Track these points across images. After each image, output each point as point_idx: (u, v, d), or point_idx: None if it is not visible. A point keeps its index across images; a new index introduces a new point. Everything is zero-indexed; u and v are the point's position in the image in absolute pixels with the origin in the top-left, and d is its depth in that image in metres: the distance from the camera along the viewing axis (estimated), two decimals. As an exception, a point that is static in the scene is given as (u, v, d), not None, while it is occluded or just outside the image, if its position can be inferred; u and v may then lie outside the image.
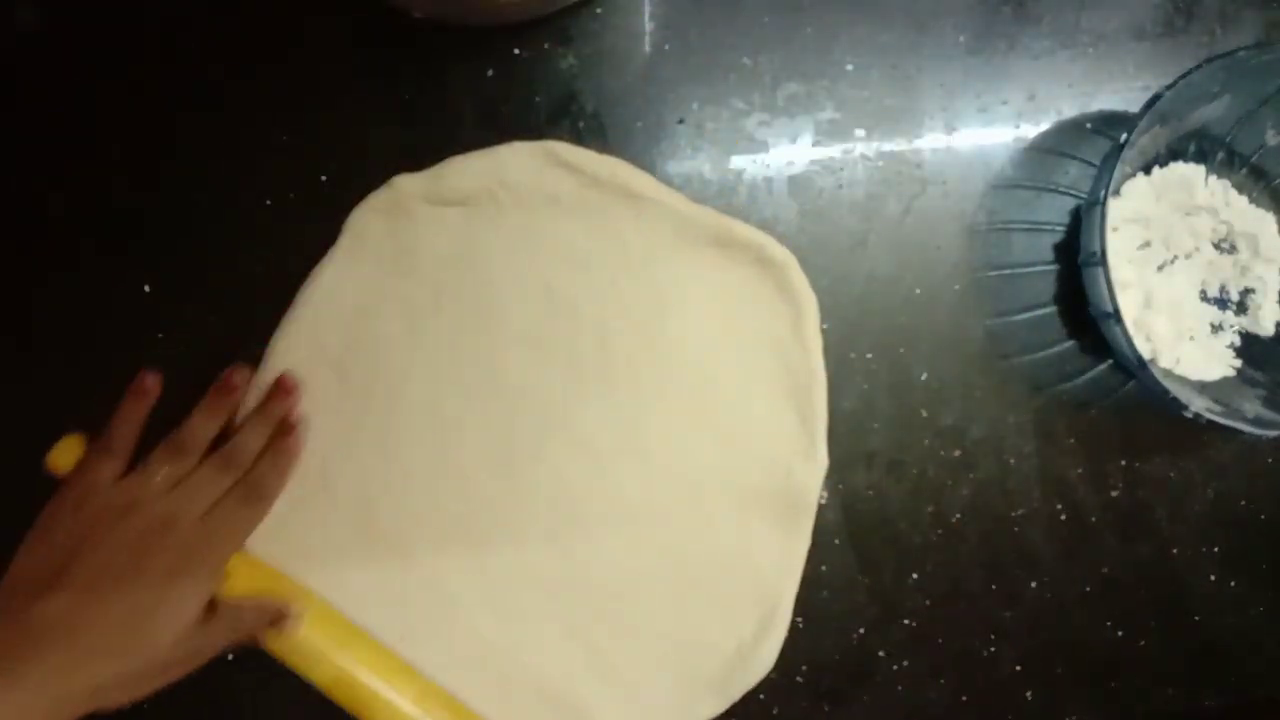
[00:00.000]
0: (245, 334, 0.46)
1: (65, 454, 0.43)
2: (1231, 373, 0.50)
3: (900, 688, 0.49)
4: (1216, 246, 0.51)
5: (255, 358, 0.46)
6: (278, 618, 0.43)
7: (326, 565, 0.45)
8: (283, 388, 0.44)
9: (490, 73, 0.48)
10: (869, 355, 0.49)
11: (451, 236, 0.46)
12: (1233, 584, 0.51)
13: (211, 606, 0.41)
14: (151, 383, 0.43)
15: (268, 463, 0.43)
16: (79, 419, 0.46)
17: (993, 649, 0.49)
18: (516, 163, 0.46)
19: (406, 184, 0.46)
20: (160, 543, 0.40)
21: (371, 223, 0.46)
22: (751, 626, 0.46)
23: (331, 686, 0.43)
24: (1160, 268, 0.50)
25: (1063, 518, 0.50)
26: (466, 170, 0.46)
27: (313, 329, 0.46)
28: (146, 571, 0.39)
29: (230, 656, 0.46)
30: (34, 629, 0.37)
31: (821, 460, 0.47)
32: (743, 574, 0.47)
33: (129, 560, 0.39)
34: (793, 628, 0.47)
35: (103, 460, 0.42)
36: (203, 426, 0.43)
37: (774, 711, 0.48)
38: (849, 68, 0.49)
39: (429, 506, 0.46)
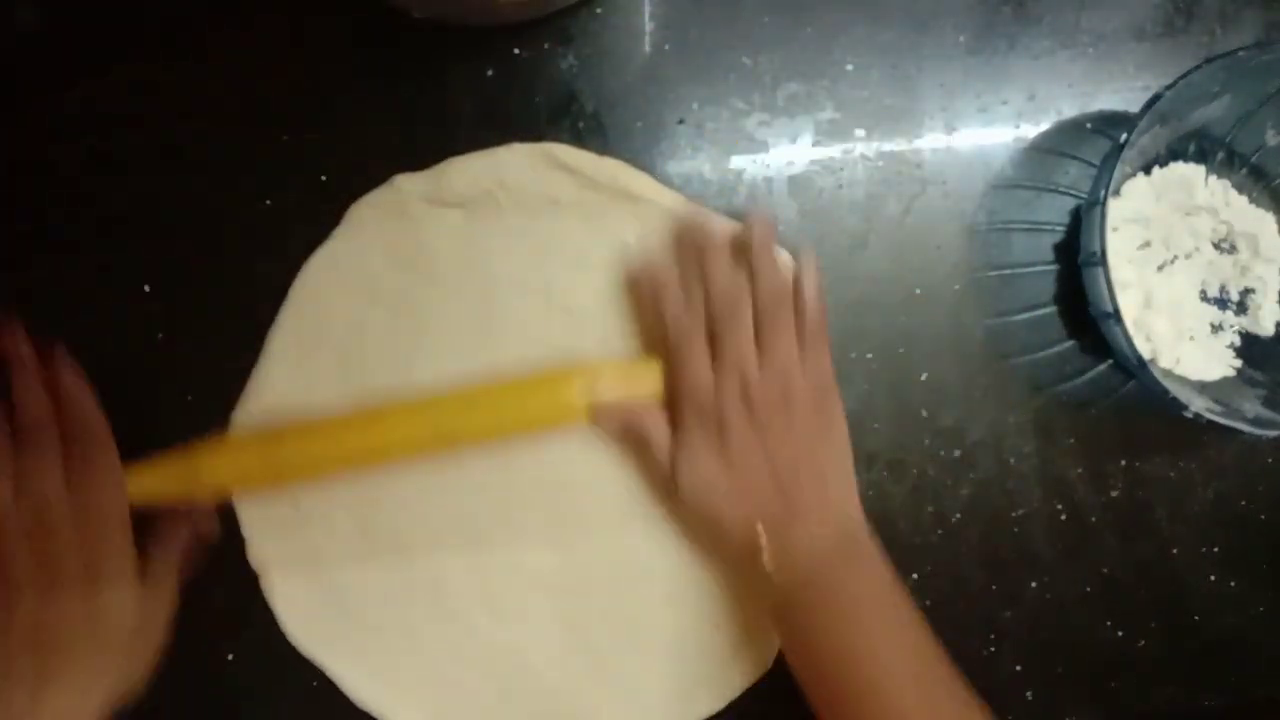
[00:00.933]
0: (245, 334, 0.46)
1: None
2: (1231, 373, 0.50)
3: (900, 688, 0.49)
4: (1216, 246, 0.51)
5: (255, 355, 0.46)
6: (202, 533, 0.43)
7: (327, 565, 0.45)
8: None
9: (490, 73, 0.48)
10: (869, 355, 0.49)
11: (451, 236, 0.46)
12: (1233, 584, 0.51)
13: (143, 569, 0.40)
14: None
15: (74, 408, 0.40)
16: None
17: (993, 649, 0.49)
18: (516, 164, 0.46)
19: (406, 184, 0.46)
20: (52, 549, 0.38)
21: (370, 217, 0.46)
22: (750, 624, 0.46)
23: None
24: (1160, 268, 0.50)
25: (1063, 518, 0.50)
26: (466, 171, 0.46)
27: (309, 317, 0.46)
28: (61, 576, 0.37)
29: (231, 656, 0.46)
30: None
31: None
32: (741, 572, 0.47)
33: (43, 575, 0.37)
34: (793, 628, 0.47)
35: None
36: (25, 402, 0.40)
37: (774, 711, 0.48)
38: (849, 68, 0.49)
39: (429, 506, 0.46)
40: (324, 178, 0.47)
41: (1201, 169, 0.50)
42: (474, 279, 0.46)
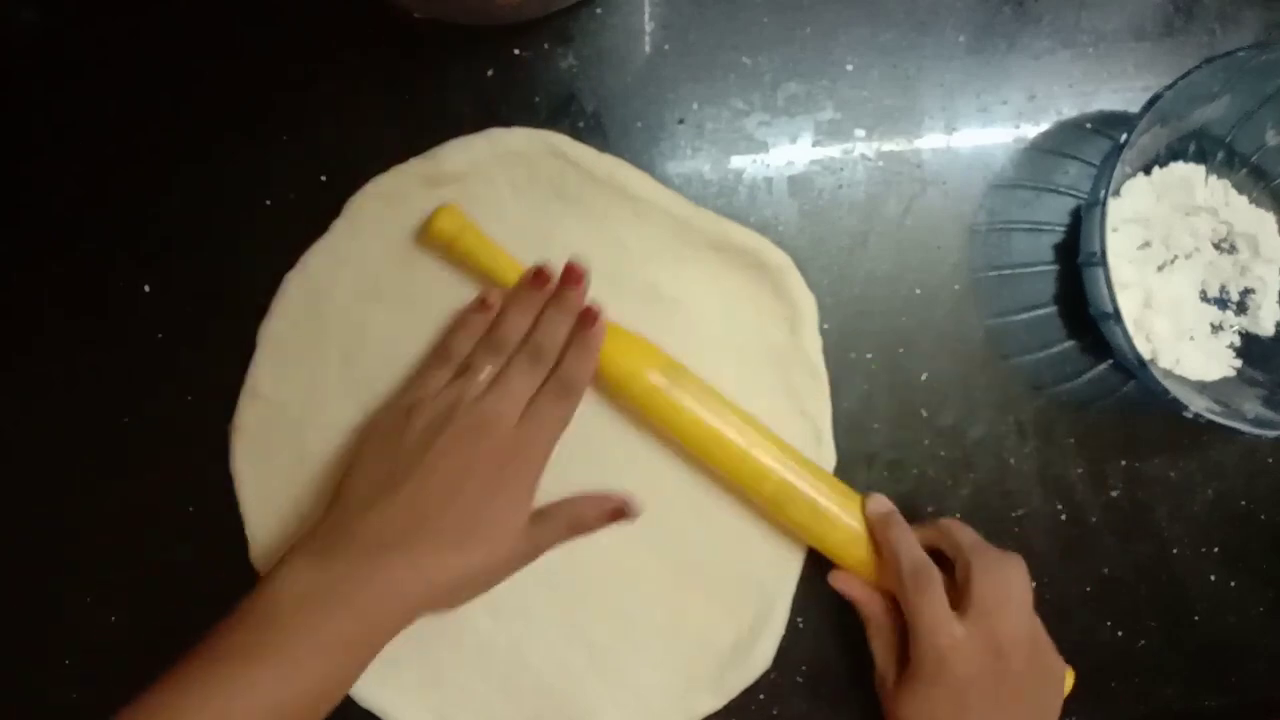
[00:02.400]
0: (245, 334, 0.46)
1: (447, 220, 0.44)
2: (1231, 373, 0.50)
3: (900, 688, 0.49)
4: (1216, 246, 0.51)
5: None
6: (617, 513, 0.42)
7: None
8: (572, 275, 0.43)
9: (490, 73, 0.48)
10: (869, 355, 0.49)
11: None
12: (1233, 584, 0.51)
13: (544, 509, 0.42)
14: (494, 299, 0.44)
15: (574, 355, 0.42)
16: (79, 420, 0.46)
17: (993, 649, 0.49)
18: (514, 146, 0.46)
19: (406, 169, 0.46)
20: (484, 444, 0.39)
21: (368, 208, 0.46)
22: (749, 624, 0.46)
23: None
24: (1160, 268, 0.50)
25: (1063, 518, 0.50)
26: (465, 149, 0.46)
27: (308, 312, 0.46)
28: (475, 473, 0.39)
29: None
30: (372, 540, 0.38)
31: (827, 459, 0.47)
32: (741, 572, 0.47)
33: (458, 463, 0.39)
34: (792, 627, 0.47)
35: (435, 370, 0.42)
36: (515, 322, 0.43)
37: (774, 711, 0.48)
38: (849, 68, 0.49)
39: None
40: (324, 178, 0.47)
41: (1201, 169, 0.50)
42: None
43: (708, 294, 0.47)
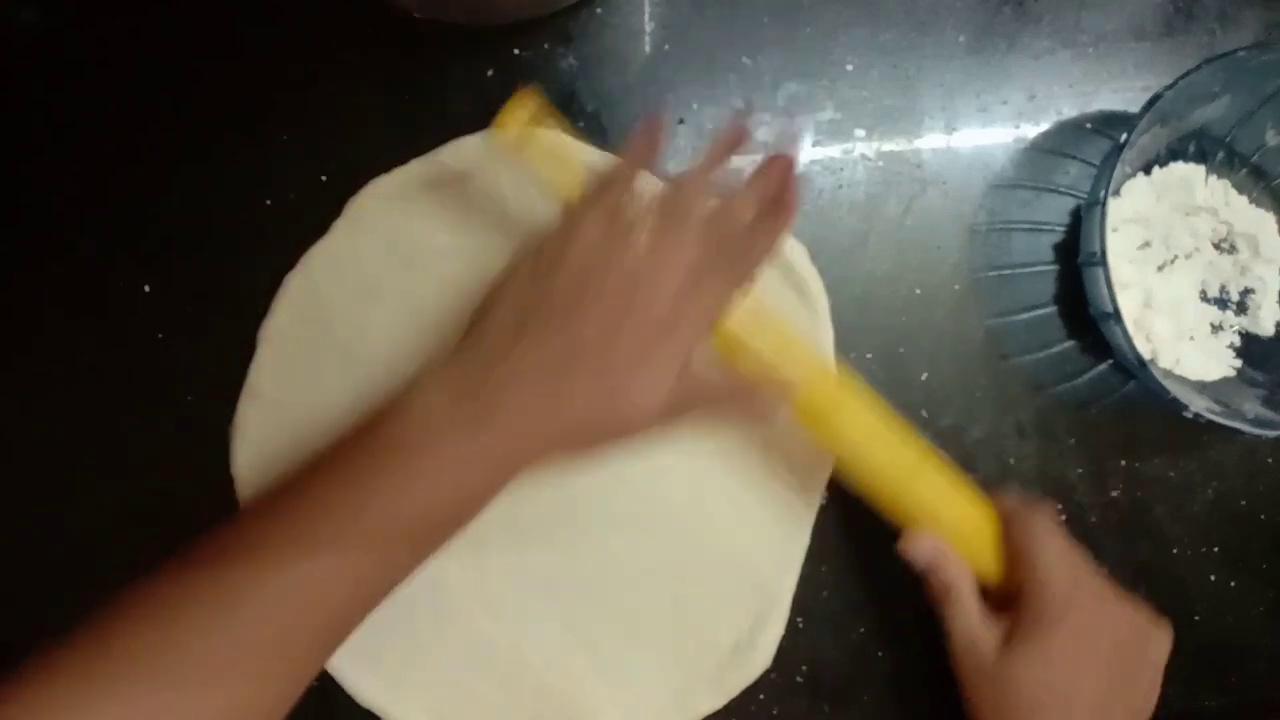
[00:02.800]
0: (245, 334, 0.46)
1: (513, 114, 0.42)
2: (1231, 373, 0.50)
3: (900, 688, 0.49)
4: (1216, 246, 0.51)
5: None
6: (761, 416, 0.41)
7: (326, 565, 0.45)
8: (781, 164, 0.39)
9: (490, 73, 0.48)
10: (869, 355, 0.49)
11: (451, 228, 0.46)
12: (1233, 584, 0.51)
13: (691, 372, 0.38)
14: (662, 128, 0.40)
15: (758, 235, 0.38)
16: (79, 420, 0.46)
17: (993, 649, 0.49)
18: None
19: (406, 169, 0.46)
20: (634, 314, 0.35)
21: (369, 209, 0.46)
22: (749, 623, 0.46)
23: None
24: (1160, 268, 0.50)
25: (1063, 518, 0.50)
26: (464, 149, 0.46)
27: (309, 312, 0.46)
28: (617, 346, 0.35)
29: (230, 656, 0.46)
30: (511, 374, 0.35)
31: (827, 460, 0.47)
32: (741, 571, 0.47)
33: (601, 327, 0.35)
34: (792, 627, 0.47)
35: (590, 217, 0.37)
36: (698, 193, 0.38)
37: (774, 711, 0.48)
38: (849, 68, 0.49)
39: (429, 506, 0.46)
40: (324, 177, 0.47)
41: (1201, 169, 0.50)
42: (474, 274, 0.46)
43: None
